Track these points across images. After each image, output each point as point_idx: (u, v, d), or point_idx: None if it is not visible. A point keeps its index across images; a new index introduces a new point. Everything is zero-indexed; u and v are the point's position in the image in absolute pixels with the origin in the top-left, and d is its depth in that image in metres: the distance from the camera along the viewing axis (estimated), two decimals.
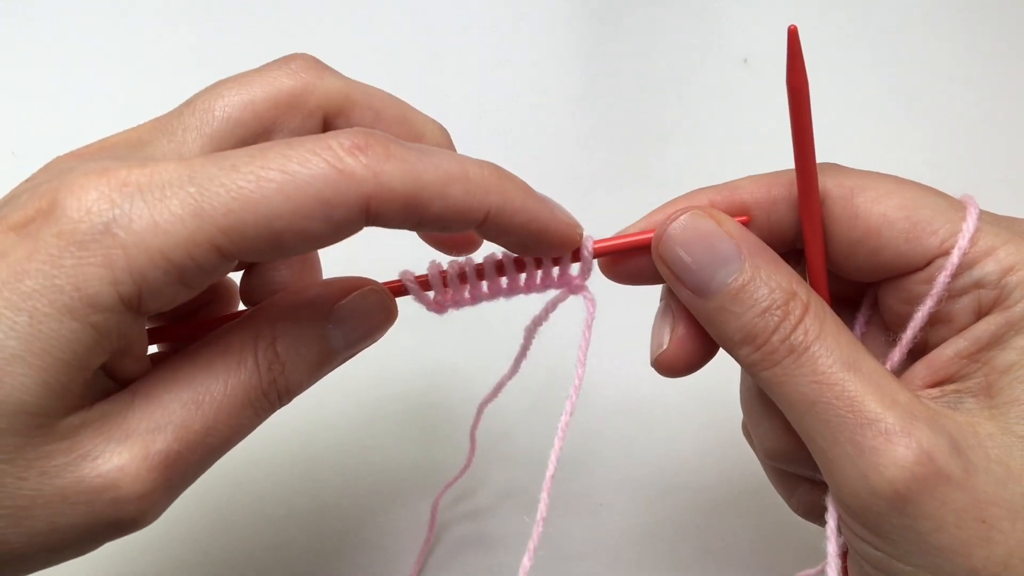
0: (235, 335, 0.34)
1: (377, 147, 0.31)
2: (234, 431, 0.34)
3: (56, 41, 0.78)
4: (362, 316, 0.37)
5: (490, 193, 0.33)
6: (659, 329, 0.39)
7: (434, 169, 0.32)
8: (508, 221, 0.34)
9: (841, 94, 0.73)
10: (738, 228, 0.36)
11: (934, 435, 0.32)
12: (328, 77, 0.38)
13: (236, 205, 0.30)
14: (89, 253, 0.29)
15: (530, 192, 0.35)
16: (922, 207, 0.36)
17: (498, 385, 0.47)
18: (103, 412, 0.32)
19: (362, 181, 0.30)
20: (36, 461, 0.30)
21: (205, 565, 0.57)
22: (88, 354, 0.30)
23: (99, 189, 0.30)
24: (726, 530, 0.58)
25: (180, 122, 0.36)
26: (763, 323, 0.34)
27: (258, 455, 0.60)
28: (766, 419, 0.39)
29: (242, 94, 0.36)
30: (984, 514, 0.32)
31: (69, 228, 0.29)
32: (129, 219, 0.29)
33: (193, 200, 0.30)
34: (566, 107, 0.75)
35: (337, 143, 0.31)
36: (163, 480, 0.32)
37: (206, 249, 0.30)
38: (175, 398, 0.33)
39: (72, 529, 0.31)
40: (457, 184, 0.32)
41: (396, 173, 0.31)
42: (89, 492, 0.31)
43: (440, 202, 0.32)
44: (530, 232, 0.35)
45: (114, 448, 0.31)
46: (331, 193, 0.30)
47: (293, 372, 0.35)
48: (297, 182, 0.30)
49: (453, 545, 0.58)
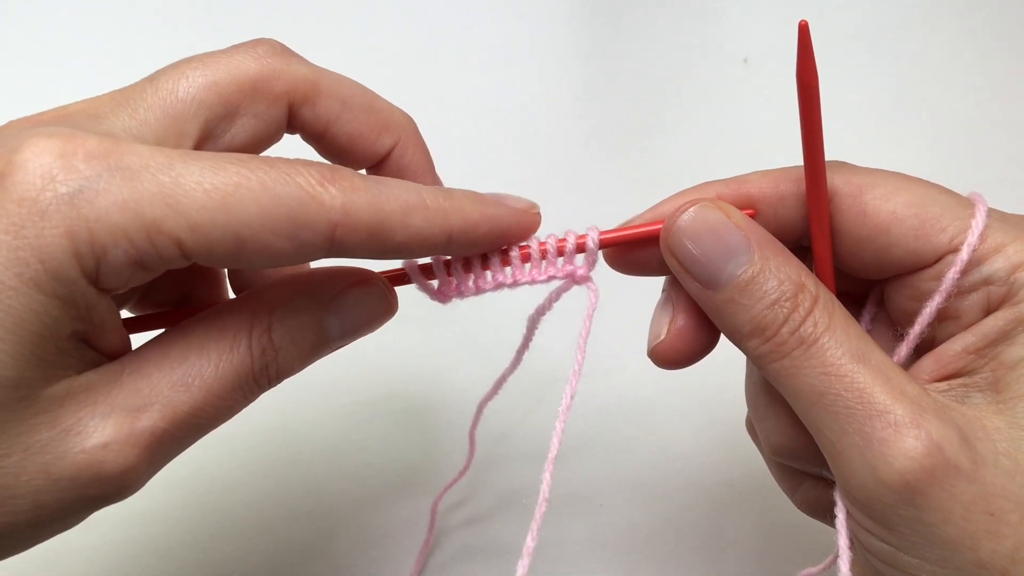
0: (230, 317, 0.34)
1: (344, 181, 0.32)
2: (221, 412, 0.34)
3: (56, 41, 0.78)
4: (362, 308, 0.37)
5: (449, 216, 0.34)
6: (658, 320, 0.39)
7: (395, 200, 0.33)
8: (471, 237, 0.35)
9: (841, 94, 0.73)
10: (747, 220, 0.36)
11: (943, 427, 0.32)
12: (295, 63, 0.38)
13: (211, 204, 0.30)
14: (52, 223, 0.29)
15: (483, 200, 0.36)
16: (931, 204, 0.36)
17: (499, 380, 0.47)
18: (89, 382, 0.32)
19: (331, 209, 0.31)
20: (20, 436, 0.30)
21: (205, 565, 0.56)
22: (57, 324, 0.30)
23: (64, 157, 0.29)
24: (727, 530, 0.58)
25: (142, 99, 0.35)
26: (772, 315, 0.34)
27: (258, 456, 0.60)
28: (772, 414, 0.39)
29: (207, 75, 0.36)
30: (992, 507, 0.31)
31: (31, 195, 0.29)
32: (96, 192, 0.29)
33: (168, 189, 0.29)
34: (566, 107, 0.75)
35: (308, 171, 0.31)
36: (147, 456, 0.32)
37: (168, 240, 0.30)
38: (164, 376, 0.32)
39: (56, 504, 0.31)
40: (417, 213, 0.33)
41: (362, 204, 0.32)
42: (73, 468, 0.31)
43: (403, 231, 0.33)
44: (494, 237, 0.36)
45: (99, 423, 0.31)
46: (301, 213, 0.31)
47: (286, 358, 0.35)
48: (273, 197, 0.30)
49: (453, 545, 0.58)
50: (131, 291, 0.40)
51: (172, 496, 0.58)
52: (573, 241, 0.38)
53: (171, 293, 0.42)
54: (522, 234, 0.37)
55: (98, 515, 0.33)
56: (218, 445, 0.58)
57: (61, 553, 0.55)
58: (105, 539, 0.56)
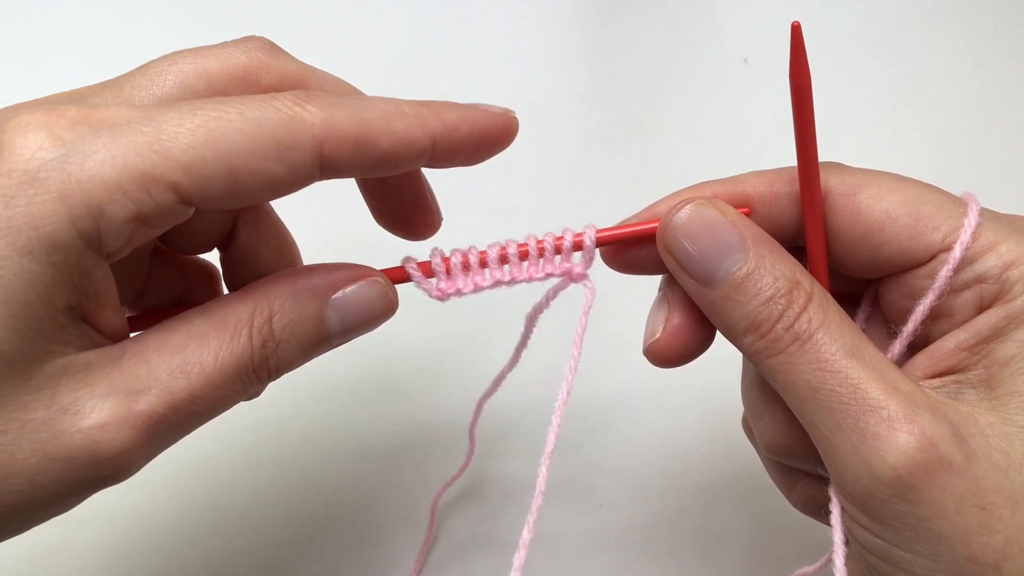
0: (232, 307, 0.34)
1: (320, 99, 0.33)
2: (219, 401, 0.34)
3: (55, 40, 0.78)
4: (364, 305, 0.37)
5: (429, 120, 0.34)
6: (654, 318, 0.40)
7: (373, 109, 0.33)
8: (453, 138, 0.35)
9: (841, 93, 0.73)
10: (742, 218, 0.36)
11: (936, 422, 0.32)
12: (283, 59, 0.38)
13: (196, 142, 0.30)
14: (43, 190, 0.29)
15: (459, 105, 0.36)
16: (924, 204, 0.36)
17: (498, 377, 0.47)
18: (87, 361, 0.32)
19: (312, 125, 0.32)
20: (16, 412, 0.30)
21: (205, 565, 0.57)
22: (51, 294, 0.30)
23: (48, 127, 0.30)
24: (727, 530, 0.58)
25: (130, 82, 0.36)
26: (767, 311, 0.35)
27: (257, 455, 0.60)
28: (767, 412, 0.39)
29: (197, 63, 0.36)
30: (984, 502, 0.32)
31: (20, 167, 0.29)
32: (83, 154, 0.29)
33: (152, 136, 0.30)
34: (567, 106, 0.75)
35: (283, 97, 0.32)
36: (144, 439, 0.32)
37: (163, 186, 0.30)
38: (164, 362, 0.33)
39: (52, 485, 0.31)
40: (398, 119, 0.34)
41: (342, 116, 0.33)
42: (69, 448, 0.31)
43: (387, 137, 0.33)
44: (475, 139, 0.36)
45: (96, 403, 0.31)
46: (286, 134, 0.31)
47: (286, 351, 0.35)
48: (254, 123, 0.31)
49: (453, 543, 0.58)
50: (129, 286, 0.41)
51: (171, 495, 0.58)
52: (570, 239, 0.38)
53: (167, 295, 0.42)
54: (502, 135, 0.37)
55: (97, 512, 0.33)
56: (217, 443, 0.59)
57: (60, 551, 0.55)
58: (104, 538, 0.56)
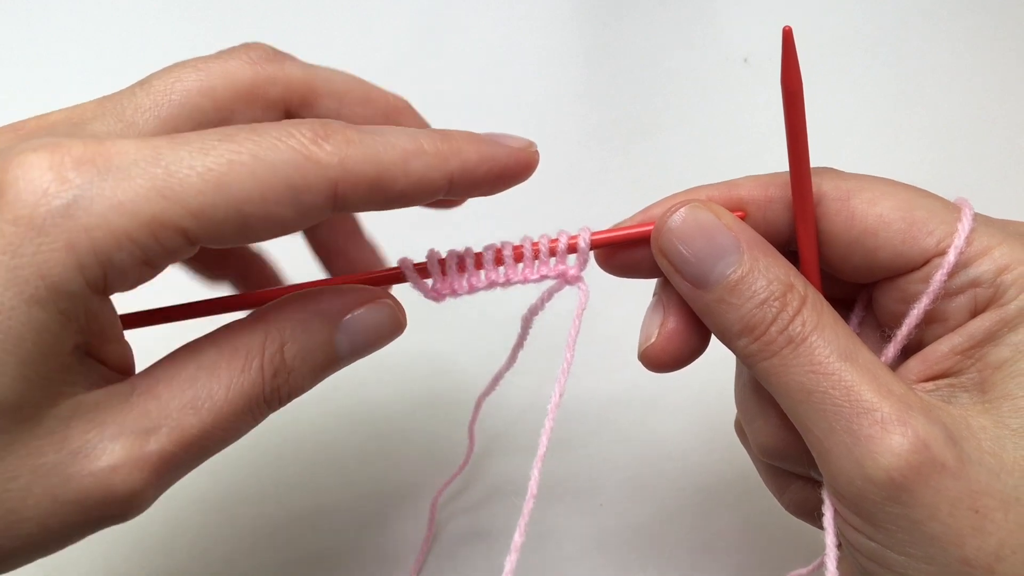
0: (242, 336, 0.34)
1: (338, 135, 0.31)
2: (230, 434, 0.34)
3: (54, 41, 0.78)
4: (374, 328, 0.37)
5: (448, 159, 0.34)
6: (649, 322, 0.39)
7: (392, 149, 0.32)
8: (472, 177, 0.35)
9: (840, 94, 0.73)
10: (736, 221, 0.36)
11: (929, 425, 0.32)
12: (288, 66, 0.38)
13: (207, 187, 0.29)
14: (50, 238, 0.28)
15: (481, 139, 0.36)
16: (918, 208, 0.36)
17: (496, 377, 0.47)
18: (97, 401, 0.31)
19: (328, 167, 0.31)
20: (27, 458, 0.30)
21: (205, 565, 0.57)
22: (58, 341, 0.29)
23: (54, 169, 0.29)
24: (727, 530, 0.58)
25: (132, 101, 0.35)
26: (761, 314, 0.35)
27: (257, 455, 0.60)
28: (760, 415, 0.39)
29: (201, 80, 0.36)
30: (977, 504, 0.32)
31: (26, 213, 0.28)
32: (90, 199, 0.28)
33: (161, 180, 0.29)
34: (567, 106, 0.75)
35: (299, 132, 0.31)
36: (155, 479, 0.32)
37: (172, 232, 0.29)
38: (174, 397, 0.32)
39: (62, 527, 0.31)
40: (417, 159, 0.33)
41: (359, 157, 0.31)
42: (81, 491, 0.30)
43: (404, 179, 0.33)
44: (493, 176, 0.36)
45: (107, 444, 0.31)
46: (300, 178, 0.30)
47: (297, 379, 0.35)
48: (268, 167, 0.30)
49: (453, 543, 0.58)
50: None
51: (170, 496, 0.57)
52: (565, 241, 0.38)
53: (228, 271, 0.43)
54: (520, 172, 0.37)
55: None
56: None
57: (60, 553, 0.54)
58: (104, 537, 0.56)
